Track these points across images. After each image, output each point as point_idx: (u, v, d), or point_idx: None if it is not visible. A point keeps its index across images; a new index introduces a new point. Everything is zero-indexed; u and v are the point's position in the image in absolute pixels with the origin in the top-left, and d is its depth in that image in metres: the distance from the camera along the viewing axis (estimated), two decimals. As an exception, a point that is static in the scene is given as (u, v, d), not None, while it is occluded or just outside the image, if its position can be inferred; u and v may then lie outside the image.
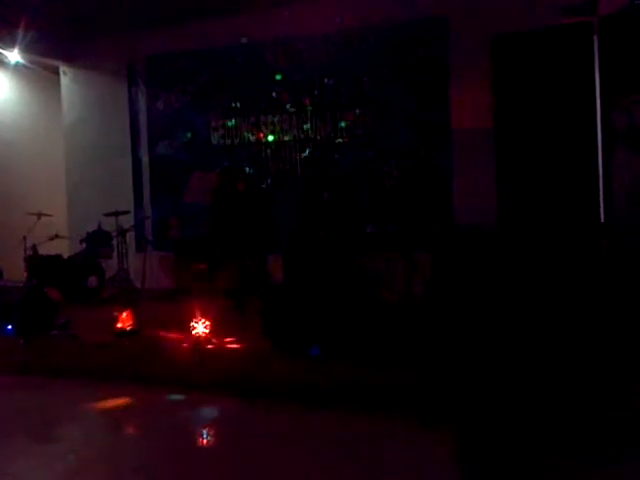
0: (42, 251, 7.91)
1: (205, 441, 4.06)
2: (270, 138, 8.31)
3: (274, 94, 8.23)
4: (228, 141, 8.55)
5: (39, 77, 9.43)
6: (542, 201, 4.34)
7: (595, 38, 4.13)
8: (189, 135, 8.76)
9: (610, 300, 4.14)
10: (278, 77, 8.19)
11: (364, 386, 4.34)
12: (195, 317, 5.34)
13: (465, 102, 7.06)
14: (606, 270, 4.14)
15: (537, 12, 6.01)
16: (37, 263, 7.75)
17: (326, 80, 7.95)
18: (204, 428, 4.27)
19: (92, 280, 7.80)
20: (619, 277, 4.11)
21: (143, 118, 9.06)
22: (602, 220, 4.20)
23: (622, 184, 4.06)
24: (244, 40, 8.14)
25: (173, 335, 5.42)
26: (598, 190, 4.19)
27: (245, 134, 8.46)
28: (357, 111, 7.81)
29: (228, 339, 5.31)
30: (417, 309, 4.72)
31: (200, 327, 5.31)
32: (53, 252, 8.02)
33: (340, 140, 7.91)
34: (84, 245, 7.99)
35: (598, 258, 4.26)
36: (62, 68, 9.38)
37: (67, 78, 9.41)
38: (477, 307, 4.42)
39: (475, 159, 6.67)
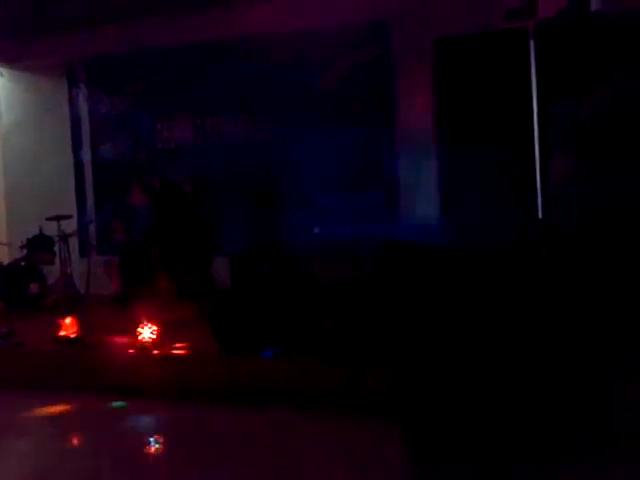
0: (-20, 258, 7.69)
1: (150, 449, 4.00)
2: (216, 140, 8.25)
3: (219, 96, 8.18)
4: (173, 144, 8.46)
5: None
6: (482, 200, 4.45)
7: (531, 42, 4.26)
8: (133, 138, 8.63)
9: (549, 299, 4.26)
10: (224, 78, 8.14)
11: (312, 386, 4.37)
12: (141, 322, 5.27)
13: (409, 103, 7.19)
14: (545, 267, 4.27)
15: (478, 16, 6.18)
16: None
17: (271, 83, 7.94)
18: (149, 436, 4.22)
19: (33, 287, 7.59)
20: (557, 275, 4.24)
21: (85, 120, 8.87)
22: (540, 217, 4.35)
23: (557, 183, 4.20)
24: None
25: (119, 341, 5.33)
26: (536, 189, 4.32)
27: (190, 137, 8.39)
28: (303, 112, 7.84)
29: (176, 344, 5.25)
30: (361, 309, 4.77)
31: (146, 332, 5.23)
32: (-8, 259, 7.80)
33: (286, 141, 7.92)
34: (24, 251, 7.78)
35: (536, 256, 4.38)
36: (-1, 69, 9.12)
37: (4, 79, 9.14)
38: (420, 305, 4.49)
39: (419, 159, 6.79)
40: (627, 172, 3.96)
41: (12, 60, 8.98)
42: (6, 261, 8.00)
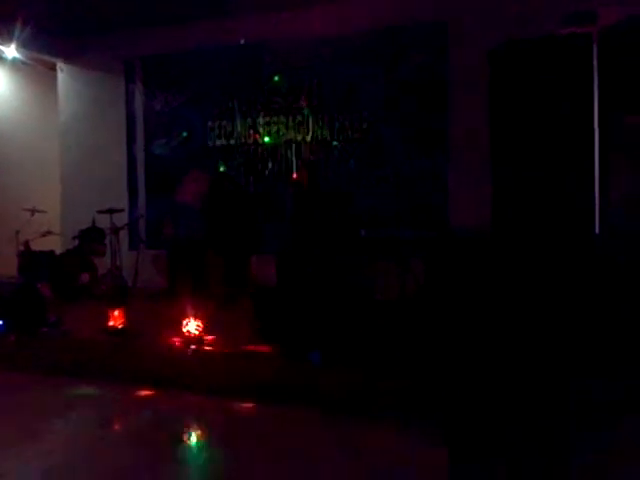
0: (35, 247, 7.88)
1: (190, 444, 4.02)
2: (266, 140, 8.31)
3: (271, 96, 8.24)
4: (224, 142, 8.54)
5: (36, 73, 9.40)
6: (537, 210, 4.34)
7: (594, 48, 4.14)
8: (185, 135, 8.74)
9: (601, 311, 4.16)
10: (276, 79, 8.19)
11: (361, 391, 4.33)
12: (187, 317, 5.33)
13: (463, 109, 7.11)
14: (598, 282, 4.16)
15: (536, 21, 6.06)
16: (29, 259, 7.71)
17: (324, 83, 7.96)
18: (191, 430, 4.25)
19: (84, 277, 7.75)
20: (611, 289, 4.13)
21: (139, 116, 9.04)
22: (597, 231, 4.22)
23: (618, 196, 4.08)
24: (242, 41, 8.15)
25: (165, 334, 5.39)
26: (594, 201, 4.20)
27: (241, 135, 8.46)
28: (354, 115, 7.82)
29: (220, 340, 5.29)
30: (410, 313, 4.72)
31: (192, 327, 5.29)
32: (46, 248, 7.99)
33: (336, 143, 7.92)
34: (77, 242, 7.96)
35: (591, 270, 4.27)
36: (59, 64, 9.35)
37: (64, 74, 9.38)
38: (469, 312, 4.43)
39: (471, 166, 6.70)
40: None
41: (72, 56, 9.22)
42: (59, 251, 8.19)
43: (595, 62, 4.12)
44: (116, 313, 5.72)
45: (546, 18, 5.94)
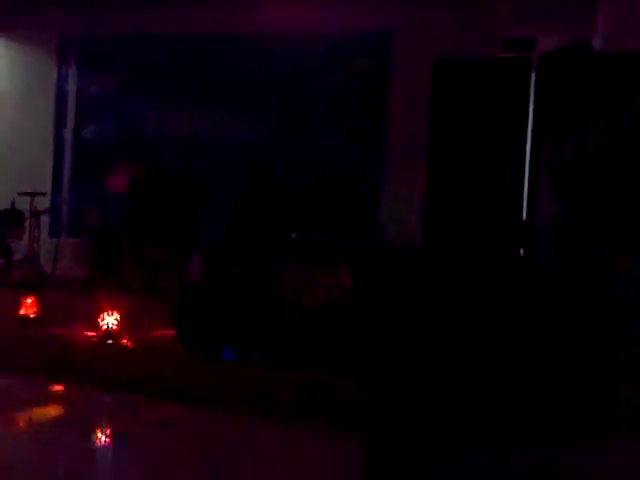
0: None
1: (93, 442, 3.84)
2: (204, 134, 8.15)
3: (213, 90, 8.10)
4: (160, 132, 8.33)
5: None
6: (467, 228, 4.41)
7: (532, 73, 4.24)
8: (119, 122, 8.48)
9: (527, 322, 4.26)
10: (218, 73, 8.06)
11: (276, 391, 4.28)
12: (105, 309, 5.13)
13: (402, 118, 7.19)
14: (523, 301, 4.26)
15: (477, 43, 6.19)
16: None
17: (265, 80, 7.88)
18: (96, 428, 4.06)
19: (-2, 261, 7.41)
20: (535, 306, 4.23)
21: (72, 99, 8.72)
22: (522, 253, 4.33)
23: (544, 217, 4.18)
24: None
25: (80, 326, 5.18)
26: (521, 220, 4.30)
27: (178, 127, 8.27)
28: (293, 115, 7.78)
29: (138, 335, 5.13)
30: (334, 317, 4.73)
31: (109, 320, 5.09)
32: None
33: (274, 142, 7.85)
34: (-7, 223, 7.59)
35: (512, 290, 4.36)
36: (-11, 38, 8.93)
37: (-7, 48, 8.96)
38: (394, 318, 4.47)
39: (407, 175, 6.77)
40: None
41: (4, 29, 8.79)
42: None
43: (532, 86, 4.22)
44: (29, 301, 5.45)
45: (486, 41, 6.07)
